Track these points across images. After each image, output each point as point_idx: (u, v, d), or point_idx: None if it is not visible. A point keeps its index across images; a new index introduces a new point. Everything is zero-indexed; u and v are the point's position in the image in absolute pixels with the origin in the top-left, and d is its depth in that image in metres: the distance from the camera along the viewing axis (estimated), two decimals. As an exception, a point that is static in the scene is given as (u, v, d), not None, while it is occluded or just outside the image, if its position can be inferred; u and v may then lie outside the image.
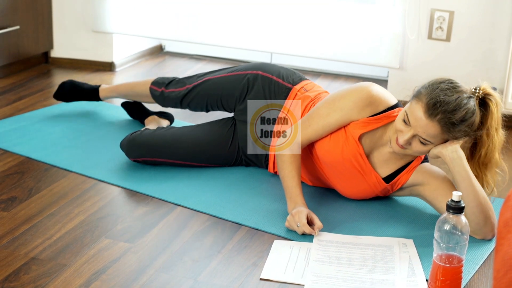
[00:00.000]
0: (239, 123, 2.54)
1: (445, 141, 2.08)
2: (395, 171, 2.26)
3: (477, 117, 2.06)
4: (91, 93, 3.00)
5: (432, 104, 2.01)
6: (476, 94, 2.08)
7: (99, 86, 3.01)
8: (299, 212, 2.11)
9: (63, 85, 3.01)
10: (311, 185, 2.46)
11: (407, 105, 2.09)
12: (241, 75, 2.56)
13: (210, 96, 2.61)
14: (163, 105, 2.79)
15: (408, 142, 2.08)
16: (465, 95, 2.04)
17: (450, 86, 2.04)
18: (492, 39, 3.25)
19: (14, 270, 1.87)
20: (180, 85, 2.70)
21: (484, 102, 2.09)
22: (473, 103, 2.05)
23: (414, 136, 2.07)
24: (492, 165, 2.15)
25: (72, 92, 3.00)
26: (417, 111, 2.04)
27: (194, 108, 2.71)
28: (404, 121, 2.07)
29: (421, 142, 2.07)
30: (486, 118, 2.09)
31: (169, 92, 2.71)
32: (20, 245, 2.00)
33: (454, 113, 2.01)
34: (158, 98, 2.76)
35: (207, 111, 2.70)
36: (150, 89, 2.78)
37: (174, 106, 2.74)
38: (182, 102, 2.69)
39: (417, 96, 2.07)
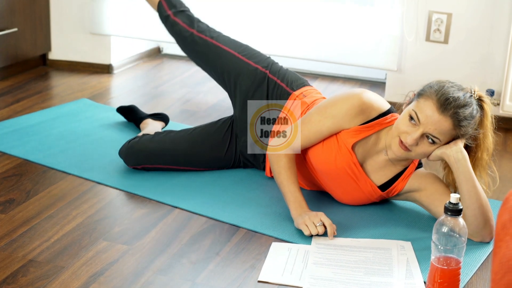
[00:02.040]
0: (238, 124, 2.54)
1: (450, 141, 2.09)
2: (390, 179, 2.25)
3: (478, 116, 2.09)
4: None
5: (444, 100, 2.02)
6: (473, 96, 2.09)
7: None
8: (319, 214, 2.12)
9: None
10: (307, 189, 2.46)
11: (412, 105, 2.08)
12: (251, 66, 2.55)
13: (213, 66, 2.62)
14: (164, 24, 2.77)
15: (416, 142, 2.06)
16: (468, 94, 2.07)
17: (454, 85, 2.08)
18: (490, 41, 3.26)
19: (12, 272, 1.87)
20: (187, 22, 2.68)
21: (479, 104, 2.11)
22: (475, 102, 2.08)
23: (422, 135, 2.06)
24: (484, 167, 2.16)
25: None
26: (428, 108, 2.03)
27: (190, 57, 2.73)
28: (412, 120, 2.06)
29: (429, 141, 2.06)
30: (482, 120, 2.11)
31: (174, 21, 2.69)
32: (18, 247, 2.00)
33: (465, 108, 2.03)
34: (163, 17, 2.75)
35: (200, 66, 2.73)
36: (160, 2, 2.75)
37: (171, 34, 2.74)
38: (179, 42, 2.70)
39: (423, 94, 2.06)
